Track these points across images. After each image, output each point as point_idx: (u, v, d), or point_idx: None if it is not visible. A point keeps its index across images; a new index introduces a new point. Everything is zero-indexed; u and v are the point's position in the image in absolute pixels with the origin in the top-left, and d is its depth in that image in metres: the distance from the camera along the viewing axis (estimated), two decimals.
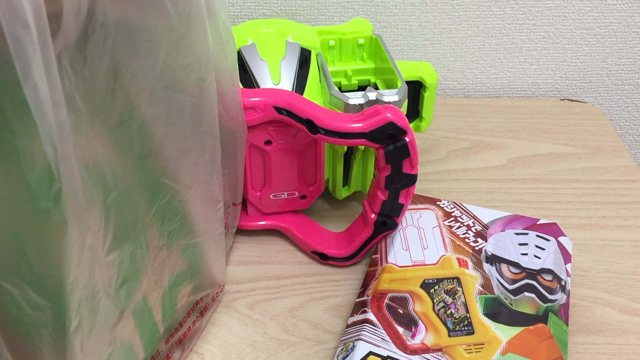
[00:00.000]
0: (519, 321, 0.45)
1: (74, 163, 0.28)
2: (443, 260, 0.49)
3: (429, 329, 0.44)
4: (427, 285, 0.47)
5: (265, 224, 0.60)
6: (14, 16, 0.23)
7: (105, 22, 0.29)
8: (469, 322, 0.45)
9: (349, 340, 0.44)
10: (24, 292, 0.29)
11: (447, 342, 0.43)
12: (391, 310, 0.45)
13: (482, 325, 0.44)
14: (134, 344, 0.40)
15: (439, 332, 0.44)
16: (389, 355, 0.42)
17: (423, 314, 0.45)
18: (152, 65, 0.34)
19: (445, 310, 0.45)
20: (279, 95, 0.51)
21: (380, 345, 0.43)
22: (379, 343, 0.43)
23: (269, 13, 0.79)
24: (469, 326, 0.44)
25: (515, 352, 0.43)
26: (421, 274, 0.48)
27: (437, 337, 0.44)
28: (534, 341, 0.44)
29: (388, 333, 0.44)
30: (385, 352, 0.42)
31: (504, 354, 0.43)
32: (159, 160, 0.38)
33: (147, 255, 0.39)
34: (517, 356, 0.43)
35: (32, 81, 0.24)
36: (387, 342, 0.43)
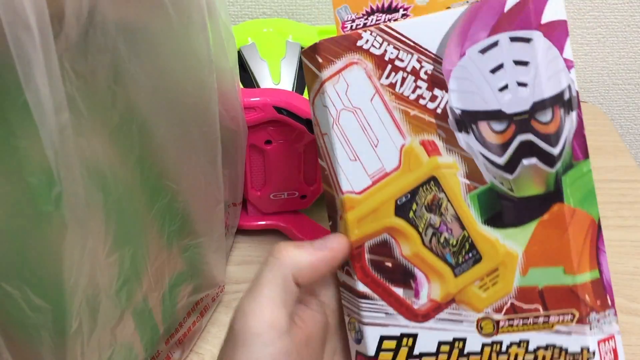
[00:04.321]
0: (528, 214, 0.35)
1: (75, 165, 0.28)
2: (405, 155, 0.36)
3: (429, 276, 0.36)
4: (403, 209, 0.36)
5: (265, 224, 0.60)
6: (16, 18, 0.23)
7: (106, 23, 0.29)
8: (471, 244, 0.35)
9: (351, 314, 0.37)
10: (24, 294, 0.29)
11: (456, 285, 0.35)
12: (378, 268, 0.36)
13: (487, 241, 0.35)
14: (134, 345, 0.40)
15: (443, 276, 0.36)
16: (402, 333, 0.36)
17: (415, 256, 0.36)
18: (153, 67, 0.34)
19: (438, 239, 0.36)
20: (279, 95, 0.51)
21: (388, 323, 0.36)
22: (384, 321, 0.36)
23: (269, 13, 0.78)
24: (473, 250, 0.35)
25: (537, 264, 0.34)
26: (389, 194, 0.36)
27: (443, 285, 0.36)
28: (554, 237, 0.34)
29: (389, 302, 0.36)
30: (397, 331, 0.36)
31: (524, 273, 0.35)
32: (160, 161, 0.38)
33: (148, 256, 0.39)
34: (541, 269, 0.34)
35: (34, 84, 0.24)
36: (392, 315, 0.36)
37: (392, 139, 0.36)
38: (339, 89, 0.36)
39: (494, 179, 0.35)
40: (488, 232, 0.35)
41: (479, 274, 0.35)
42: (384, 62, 0.36)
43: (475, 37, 0.34)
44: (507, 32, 0.34)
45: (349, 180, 0.36)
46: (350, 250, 0.36)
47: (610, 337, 0.35)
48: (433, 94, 0.35)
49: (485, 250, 0.35)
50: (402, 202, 0.36)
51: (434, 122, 0.35)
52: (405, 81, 0.36)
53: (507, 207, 0.35)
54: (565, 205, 0.34)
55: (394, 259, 0.36)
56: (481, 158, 0.35)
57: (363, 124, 0.36)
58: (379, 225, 0.36)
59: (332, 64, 0.36)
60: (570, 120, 0.34)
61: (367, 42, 0.36)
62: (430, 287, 0.36)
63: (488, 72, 0.34)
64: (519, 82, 0.34)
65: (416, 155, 0.36)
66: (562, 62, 0.34)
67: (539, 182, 0.35)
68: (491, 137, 0.35)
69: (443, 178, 0.35)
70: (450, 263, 0.36)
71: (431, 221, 0.36)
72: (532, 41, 0.34)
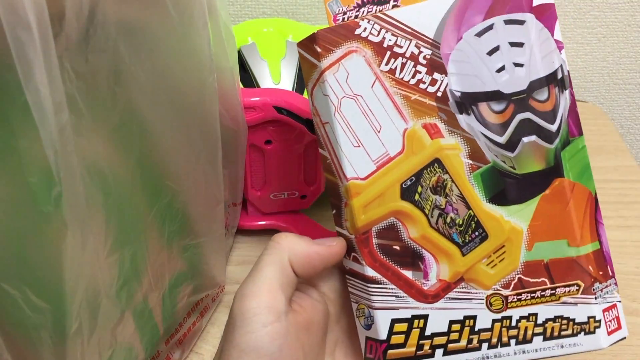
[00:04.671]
0: (530, 190, 0.36)
1: (75, 165, 0.28)
2: (408, 138, 0.37)
3: (437, 256, 0.37)
4: (408, 192, 0.37)
5: (265, 224, 0.60)
6: (16, 18, 0.23)
7: (106, 23, 0.29)
8: (477, 223, 0.36)
9: (360, 301, 0.38)
10: (24, 295, 0.29)
11: (464, 264, 0.36)
12: (386, 252, 0.37)
13: (492, 219, 0.36)
14: (135, 345, 0.40)
15: (451, 256, 0.36)
16: (413, 315, 0.36)
17: (422, 238, 0.37)
18: (153, 66, 0.34)
19: (444, 220, 0.37)
20: (279, 95, 0.51)
21: (399, 306, 0.37)
22: (395, 304, 0.37)
23: (269, 12, 0.78)
24: (479, 228, 0.36)
25: (542, 238, 0.36)
26: (393, 178, 0.37)
27: (451, 264, 0.36)
28: (556, 211, 0.36)
29: (398, 285, 0.37)
30: (407, 313, 0.36)
31: (530, 248, 0.36)
32: (160, 161, 0.38)
33: (148, 257, 0.39)
34: (546, 243, 0.36)
35: (34, 84, 0.24)
36: (402, 298, 0.36)
37: (395, 123, 0.37)
38: (339, 77, 0.37)
39: (496, 158, 0.36)
40: (493, 210, 0.36)
41: (486, 252, 0.36)
42: (383, 49, 0.37)
43: (470, 21, 0.36)
44: (501, 15, 0.36)
45: (354, 167, 0.37)
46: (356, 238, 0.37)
47: (613, 306, 0.37)
48: (433, 78, 0.36)
49: (491, 228, 0.36)
50: (407, 185, 0.37)
51: (435, 105, 0.36)
52: (404, 67, 0.37)
53: (510, 185, 0.36)
54: (565, 179, 0.36)
55: (401, 242, 0.37)
56: (482, 138, 0.36)
57: (365, 110, 0.37)
58: (386, 209, 0.37)
59: (331, 53, 0.37)
60: (565, 98, 0.36)
61: (365, 30, 0.37)
62: (439, 267, 0.37)
63: (485, 54, 0.36)
64: (515, 63, 0.36)
65: (419, 139, 0.37)
66: (554, 43, 0.36)
67: (539, 158, 0.36)
68: (491, 117, 0.36)
69: (446, 159, 0.36)
70: (457, 242, 0.36)
71: (437, 202, 0.37)
72: (526, 23, 0.36)
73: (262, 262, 0.36)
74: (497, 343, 0.36)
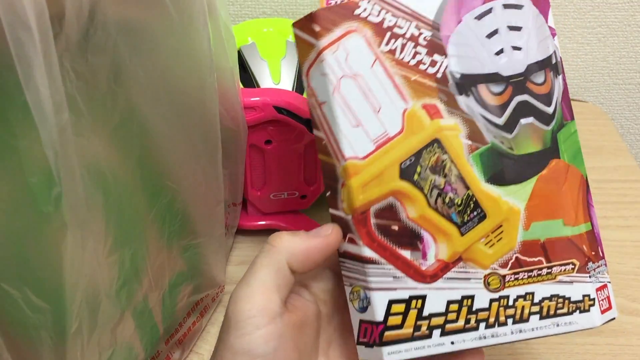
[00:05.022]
0: (528, 170, 0.37)
1: (75, 166, 0.28)
2: (408, 119, 0.36)
3: (436, 236, 0.36)
4: (407, 172, 0.36)
5: (265, 224, 0.60)
6: (16, 18, 0.23)
7: (106, 23, 0.29)
8: (475, 203, 0.36)
9: (355, 283, 0.37)
10: (24, 295, 0.29)
11: (463, 243, 0.36)
12: (385, 232, 0.36)
13: (490, 199, 0.36)
14: (134, 345, 0.40)
15: (449, 235, 0.36)
16: (411, 295, 0.36)
17: (421, 218, 0.36)
18: (153, 66, 0.34)
19: (443, 200, 0.36)
20: (279, 95, 0.51)
21: (396, 287, 0.36)
22: (392, 284, 0.36)
23: (269, 12, 0.78)
24: (478, 208, 0.36)
25: (539, 218, 0.36)
26: (393, 157, 0.36)
27: (449, 244, 0.36)
28: (553, 191, 0.37)
29: (396, 265, 0.36)
30: (405, 294, 0.36)
31: (527, 228, 0.36)
32: (160, 161, 0.38)
33: (148, 257, 0.39)
34: (543, 222, 0.36)
35: (34, 84, 0.24)
36: (400, 278, 0.36)
37: (395, 103, 0.36)
38: (338, 56, 0.36)
39: (494, 139, 0.37)
40: (491, 190, 0.36)
41: (484, 231, 0.36)
42: (383, 29, 0.36)
43: (470, 4, 0.37)
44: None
45: (352, 147, 0.36)
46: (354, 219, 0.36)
47: (605, 286, 0.37)
48: (432, 59, 0.37)
49: (489, 207, 0.36)
50: (407, 165, 0.36)
51: (435, 86, 0.36)
52: (405, 47, 0.37)
53: (508, 165, 0.37)
54: (561, 160, 0.37)
55: (400, 222, 0.36)
56: (481, 119, 0.37)
57: (364, 90, 0.36)
58: (384, 189, 0.36)
59: (330, 32, 0.36)
60: (559, 83, 0.37)
61: (365, 11, 0.36)
62: (437, 247, 0.36)
63: (484, 37, 0.37)
64: (514, 46, 0.37)
65: (419, 119, 0.36)
66: (548, 29, 0.37)
67: (536, 139, 0.37)
68: (490, 99, 0.37)
69: (446, 140, 0.36)
70: (456, 222, 0.36)
71: (436, 182, 0.36)
72: (524, 8, 0.37)
73: (257, 265, 0.36)
74: (495, 322, 0.36)
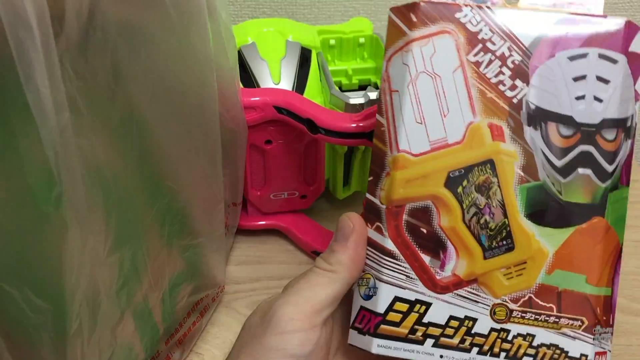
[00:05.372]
0: (569, 219, 0.36)
1: (75, 165, 0.28)
2: (471, 132, 0.37)
3: (460, 251, 0.36)
4: (453, 182, 0.37)
5: (265, 223, 0.60)
6: (16, 18, 0.23)
7: (106, 23, 0.29)
8: (508, 233, 0.36)
9: (368, 270, 0.38)
10: (24, 295, 0.29)
11: (483, 267, 0.36)
12: (412, 232, 0.37)
13: (523, 234, 0.36)
14: (135, 345, 0.40)
15: (473, 255, 0.36)
16: (418, 299, 0.36)
17: (451, 229, 0.37)
18: (153, 66, 0.34)
19: (478, 219, 0.36)
20: (279, 94, 0.51)
21: (406, 286, 0.36)
22: (403, 283, 0.36)
23: (269, 12, 0.78)
24: (508, 238, 0.36)
25: (564, 267, 0.36)
26: (444, 164, 0.37)
27: (470, 263, 0.36)
28: (586, 246, 0.36)
29: (413, 267, 0.36)
30: (412, 295, 0.36)
31: (550, 273, 0.36)
32: (160, 161, 0.38)
33: (148, 257, 0.39)
34: (566, 272, 0.36)
35: (34, 84, 0.24)
36: (412, 280, 0.36)
37: (463, 113, 0.37)
38: (425, 51, 0.37)
39: (547, 178, 0.36)
40: (527, 225, 0.36)
41: (507, 262, 0.36)
42: (477, 40, 0.37)
43: (568, 43, 0.36)
44: (598, 48, 0.36)
45: (409, 141, 0.37)
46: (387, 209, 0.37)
47: (604, 353, 0.37)
48: (514, 83, 0.37)
49: (520, 241, 0.36)
50: (455, 175, 0.37)
51: (507, 109, 0.36)
52: (491, 64, 0.37)
53: (552, 208, 0.36)
54: (604, 220, 0.36)
55: (430, 226, 0.37)
56: (541, 155, 0.36)
57: (439, 91, 0.37)
58: (426, 191, 0.37)
59: (425, 26, 0.37)
60: (626, 146, 0.37)
61: (466, 17, 0.37)
62: (458, 262, 0.37)
63: (571, 79, 0.36)
64: (596, 97, 0.36)
65: (481, 135, 0.37)
66: (633, 92, 0.37)
67: (587, 192, 0.36)
68: (556, 139, 0.36)
69: (500, 164, 0.36)
70: (483, 245, 0.36)
71: (477, 201, 0.37)
72: (618, 63, 0.36)
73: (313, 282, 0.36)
74: (488, 351, 0.36)
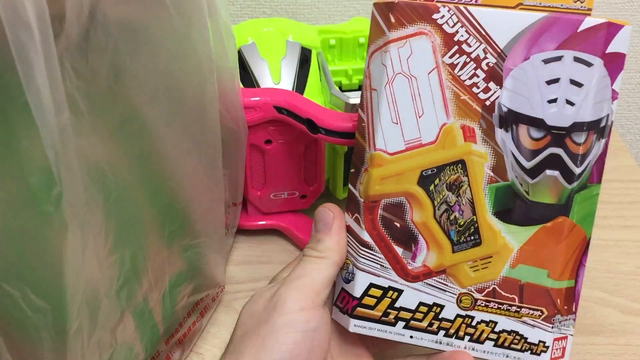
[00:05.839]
0: (534, 218, 0.38)
1: (75, 165, 0.28)
2: (444, 133, 0.38)
3: (430, 244, 0.39)
4: (426, 180, 0.38)
5: (265, 223, 0.60)
6: (16, 18, 0.23)
7: (106, 23, 0.29)
8: (476, 229, 0.38)
9: (348, 257, 0.40)
10: (24, 295, 0.29)
11: (451, 259, 0.39)
12: (387, 225, 0.39)
13: (490, 230, 0.38)
14: (135, 345, 0.40)
15: (442, 248, 0.39)
16: (390, 286, 0.39)
17: (423, 224, 0.39)
18: (154, 66, 0.34)
19: (448, 216, 0.38)
20: (279, 94, 0.51)
21: (380, 274, 0.39)
22: (378, 271, 0.39)
23: (270, 12, 0.78)
24: (476, 234, 0.38)
25: (527, 262, 0.38)
26: (417, 162, 0.38)
27: (439, 255, 0.39)
28: (550, 244, 0.38)
29: (386, 257, 0.39)
30: (385, 283, 0.39)
31: (514, 267, 0.38)
32: (160, 161, 0.38)
33: (148, 257, 0.39)
34: (529, 267, 0.38)
35: (34, 84, 0.24)
36: (386, 269, 0.39)
37: (437, 115, 0.38)
38: (402, 53, 0.38)
39: (515, 179, 0.38)
40: (494, 222, 0.38)
41: (474, 256, 0.39)
42: (453, 42, 0.37)
43: (543, 46, 0.36)
44: (573, 50, 0.36)
45: (385, 140, 0.38)
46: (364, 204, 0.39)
47: (565, 337, 0.39)
48: (487, 85, 0.37)
49: (486, 237, 0.38)
50: (427, 174, 0.38)
51: (480, 111, 0.37)
52: (466, 66, 0.37)
53: (519, 207, 0.38)
54: (568, 219, 0.38)
55: (403, 221, 0.39)
56: (511, 157, 0.38)
57: (414, 92, 0.38)
58: (400, 188, 0.39)
59: (402, 28, 0.37)
60: (598, 147, 0.37)
61: (443, 18, 0.37)
62: (428, 254, 0.39)
63: (544, 82, 0.37)
64: (568, 100, 0.36)
65: (453, 136, 0.38)
66: (610, 92, 0.37)
67: (554, 193, 0.38)
68: (526, 142, 0.37)
69: (471, 164, 0.38)
70: (452, 239, 0.39)
71: (447, 199, 0.38)
72: (593, 67, 0.36)
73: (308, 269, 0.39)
74: (453, 334, 0.39)
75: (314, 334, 0.37)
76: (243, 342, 0.37)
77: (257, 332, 0.36)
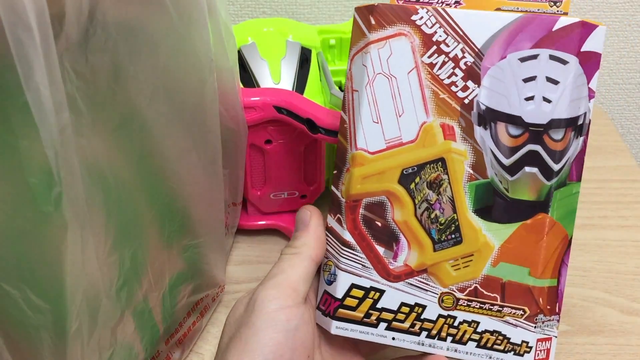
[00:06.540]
0: (514, 215, 0.38)
1: (75, 165, 0.28)
2: (424, 131, 0.38)
3: (411, 243, 0.39)
4: (407, 179, 0.39)
5: (265, 223, 0.60)
6: (16, 18, 0.23)
7: (106, 23, 0.29)
8: (457, 227, 0.39)
9: (330, 257, 0.40)
10: (24, 295, 0.29)
11: (433, 258, 0.39)
12: (368, 225, 0.39)
13: (471, 228, 0.39)
14: (135, 345, 0.40)
15: (423, 247, 0.39)
16: (372, 286, 0.39)
17: (404, 223, 0.39)
18: (153, 66, 0.34)
19: (429, 214, 0.39)
20: (279, 94, 0.51)
21: (362, 275, 0.39)
22: (359, 271, 0.39)
23: (269, 12, 0.78)
24: (457, 232, 0.39)
25: (508, 260, 0.38)
26: (398, 161, 0.39)
27: (421, 254, 0.39)
28: (530, 241, 0.38)
29: (368, 257, 0.39)
30: (367, 283, 0.39)
31: (495, 265, 0.38)
32: (160, 161, 0.38)
33: (148, 257, 0.39)
34: (510, 265, 0.38)
35: (34, 84, 0.24)
36: (368, 269, 0.39)
37: (417, 114, 0.38)
38: (382, 53, 0.38)
39: (494, 176, 0.38)
40: (475, 220, 0.38)
41: (455, 255, 0.39)
42: (431, 42, 0.38)
43: (519, 44, 0.37)
44: (549, 49, 0.37)
45: (366, 140, 0.39)
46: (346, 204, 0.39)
47: (548, 339, 0.39)
48: (466, 84, 0.38)
49: (467, 235, 0.39)
50: (408, 172, 0.39)
51: (459, 110, 0.38)
52: (444, 65, 0.38)
53: (499, 204, 0.38)
54: (548, 216, 0.38)
55: (384, 220, 0.39)
56: (490, 154, 0.38)
57: (394, 92, 0.38)
58: (381, 187, 0.39)
59: (382, 29, 0.38)
60: (577, 144, 0.38)
61: (421, 19, 0.38)
62: (409, 253, 0.39)
63: (521, 80, 0.37)
64: (545, 98, 0.37)
65: (433, 135, 0.38)
66: (586, 91, 0.38)
67: (533, 190, 0.38)
68: (504, 139, 0.38)
69: (451, 162, 0.38)
70: (433, 238, 0.39)
71: (428, 197, 0.39)
72: (568, 64, 0.37)
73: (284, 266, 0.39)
74: (436, 335, 0.39)
75: (296, 332, 0.37)
76: (228, 349, 0.36)
77: (239, 336, 0.36)
